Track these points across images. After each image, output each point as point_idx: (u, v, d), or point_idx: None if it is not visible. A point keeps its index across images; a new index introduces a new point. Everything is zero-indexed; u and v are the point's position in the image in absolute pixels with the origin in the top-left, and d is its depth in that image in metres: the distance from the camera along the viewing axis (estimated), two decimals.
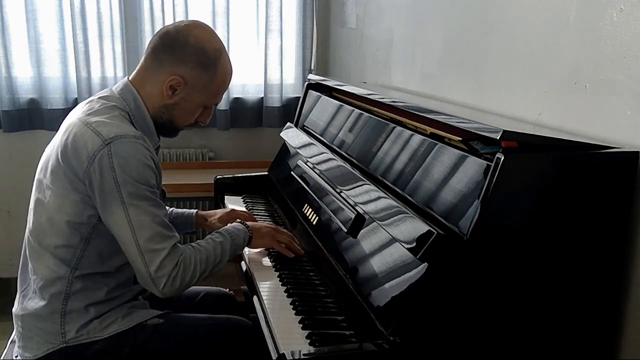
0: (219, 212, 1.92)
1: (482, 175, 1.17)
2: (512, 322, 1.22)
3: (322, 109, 2.21)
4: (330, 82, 2.23)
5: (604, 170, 1.19)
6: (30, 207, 1.54)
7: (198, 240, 1.55)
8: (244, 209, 2.15)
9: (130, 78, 1.55)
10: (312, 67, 3.21)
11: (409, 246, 1.21)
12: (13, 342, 1.61)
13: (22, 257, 1.56)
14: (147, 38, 2.92)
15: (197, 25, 1.54)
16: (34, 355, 1.48)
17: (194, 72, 1.50)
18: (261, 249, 1.73)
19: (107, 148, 1.39)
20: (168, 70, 1.49)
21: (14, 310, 1.55)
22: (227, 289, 1.88)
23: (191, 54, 1.49)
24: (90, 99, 1.56)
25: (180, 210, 1.90)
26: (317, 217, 1.73)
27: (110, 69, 3.00)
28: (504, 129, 1.12)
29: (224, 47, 1.56)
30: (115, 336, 1.49)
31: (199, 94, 1.53)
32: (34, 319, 1.49)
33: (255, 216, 1.98)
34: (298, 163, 2.07)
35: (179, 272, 1.43)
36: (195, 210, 1.91)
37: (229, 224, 1.67)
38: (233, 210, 1.94)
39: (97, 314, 1.49)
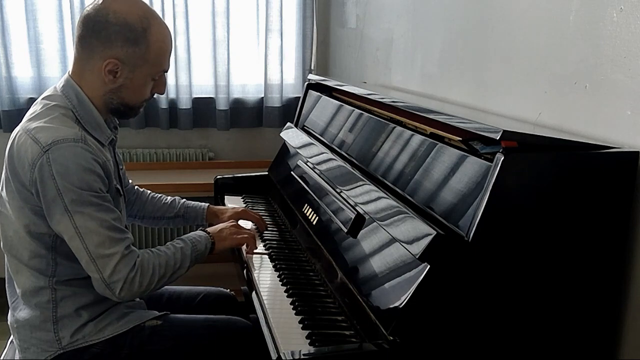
0: (230, 210, 1.89)
1: (482, 175, 1.17)
2: (512, 322, 1.22)
3: (322, 109, 2.21)
4: (330, 82, 2.22)
5: (604, 170, 1.19)
6: None
7: (158, 246, 1.52)
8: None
9: (70, 72, 1.48)
10: (312, 67, 3.21)
11: (409, 246, 1.21)
12: (13, 342, 1.61)
13: (6, 269, 1.53)
14: None
15: None
16: None
17: (125, 50, 1.41)
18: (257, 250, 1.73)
19: (45, 156, 1.33)
20: (100, 55, 1.41)
21: (8, 321, 1.54)
22: (228, 289, 1.88)
23: (116, 32, 1.40)
24: (37, 101, 1.50)
25: (192, 203, 1.89)
26: (317, 217, 1.73)
27: None
28: (504, 129, 1.12)
29: (151, 12, 1.46)
30: (112, 339, 1.48)
31: (140, 69, 1.45)
32: (27, 329, 1.48)
33: None
34: (298, 163, 2.07)
35: (137, 275, 1.40)
36: (207, 205, 1.90)
37: (192, 232, 1.61)
38: (244, 210, 1.90)
39: (90, 317, 1.48)
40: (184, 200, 1.90)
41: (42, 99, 1.47)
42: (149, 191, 1.89)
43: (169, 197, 1.90)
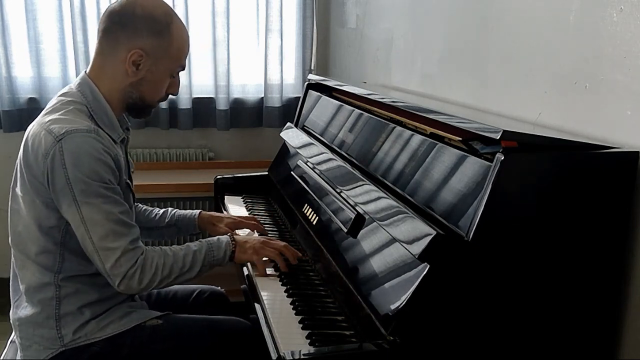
0: (226, 218, 1.87)
1: (482, 175, 1.17)
2: (512, 322, 1.22)
3: (322, 109, 2.21)
4: (330, 82, 2.22)
5: (604, 170, 1.19)
6: (8, 218, 1.52)
7: (175, 245, 1.52)
8: (244, 208, 2.15)
9: (87, 71, 1.52)
10: (312, 67, 3.21)
11: (409, 246, 1.21)
12: (13, 342, 1.61)
13: (11, 266, 1.54)
14: None
15: None
16: None
17: (150, 41, 1.47)
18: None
19: (58, 145, 1.36)
20: (125, 46, 1.46)
21: (10, 319, 1.54)
22: (220, 287, 1.87)
23: (142, 23, 1.46)
24: (53, 98, 1.53)
25: (182, 212, 1.86)
26: (317, 217, 1.73)
27: None
28: (504, 129, 1.12)
29: (172, 10, 1.54)
30: (113, 337, 1.48)
31: (162, 62, 1.50)
32: (30, 326, 1.48)
33: (255, 216, 1.98)
34: (298, 163, 2.07)
35: (137, 272, 1.41)
36: (199, 212, 1.86)
37: (215, 236, 1.60)
38: (241, 221, 1.87)
39: (93, 315, 1.49)
40: (175, 210, 1.87)
41: (59, 96, 1.51)
42: (142, 205, 1.88)
43: (161, 209, 1.87)
